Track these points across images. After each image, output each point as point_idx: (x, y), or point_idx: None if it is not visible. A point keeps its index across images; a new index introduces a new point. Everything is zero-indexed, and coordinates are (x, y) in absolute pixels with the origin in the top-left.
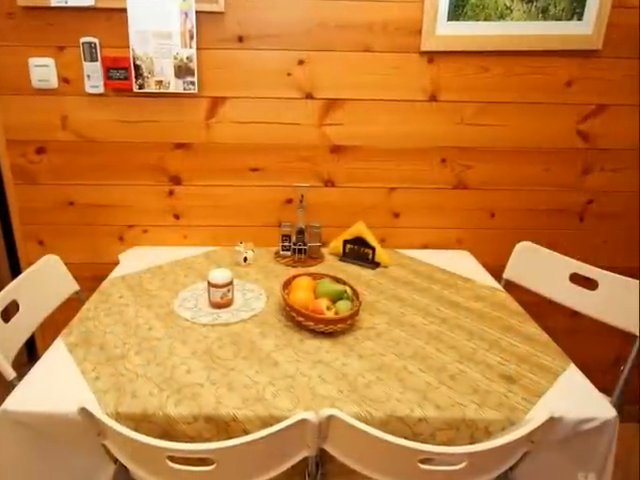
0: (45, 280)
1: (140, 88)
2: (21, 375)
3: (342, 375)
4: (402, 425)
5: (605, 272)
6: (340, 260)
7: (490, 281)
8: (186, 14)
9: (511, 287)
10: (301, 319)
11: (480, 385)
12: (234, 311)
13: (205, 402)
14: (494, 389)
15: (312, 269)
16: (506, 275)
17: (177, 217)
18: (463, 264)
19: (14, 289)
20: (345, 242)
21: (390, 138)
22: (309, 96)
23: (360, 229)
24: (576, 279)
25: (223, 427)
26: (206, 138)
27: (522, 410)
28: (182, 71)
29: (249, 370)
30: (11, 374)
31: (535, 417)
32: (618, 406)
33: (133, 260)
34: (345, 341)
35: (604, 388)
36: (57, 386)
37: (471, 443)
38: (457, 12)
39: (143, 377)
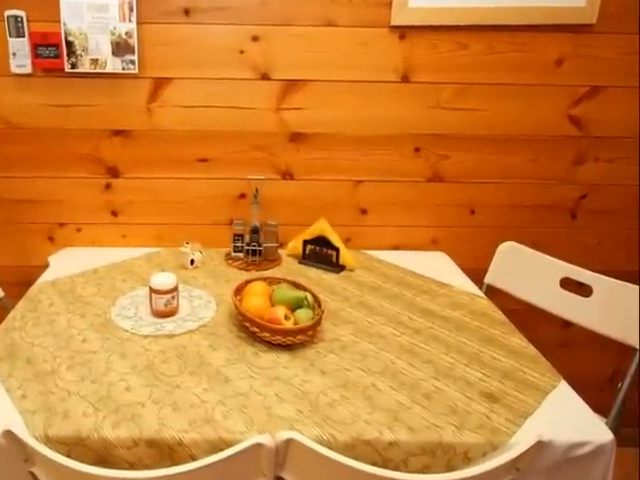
0: None
1: (73, 68)
2: None
3: (302, 393)
4: (370, 450)
5: (600, 276)
6: (300, 263)
7: (470, 286)
8: None
9: (493, 293)
10: (256, 330)
11: (458, 404)
12: (179, 321)
13: (146, 424)
14: (474, 409)
15: (268, 273)
16: (488, 279)
17: (115, 214)
18: (439, 267)
19: None
20: (305, 242)
21: (356, 124)
22: (265, 77)
23: (322, 228)
24: (567, 284)
25: (167, 452)
26: (148, 124)
27: (506, 433)
28: (120, 48)
29: (196, 387)
30: None
31: (521, 441)
32: (615, 428)
33: (65, 263)
34: (305, 355)
35: (599, 408)
36: None
37: (448, 470)
38: None
39: (76, 395)
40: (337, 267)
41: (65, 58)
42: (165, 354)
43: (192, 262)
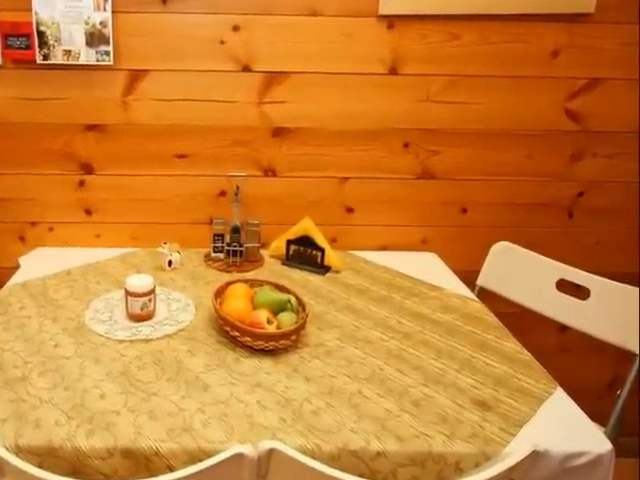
0: None
1: (45, 59)
2: None
3: (285, 401)
4: (356, 460)
5: (598, 278)
6: (283, 264)
7: (461, 289)
8: None
9: (486, 296)
10: (236, 334)
11: (449, 412)
12: (157, 325)
13: (122, 433)
14: (466, 417)
15: (250, 274)
16: (480, 281)
17: (88, 212)
18: (429, 268)
19: None
20: (289, 242)
21: (342, 118)
22: (246, 69)
23: (307, 227)
24: (564, 286)
25: (143, 463)
26: (123, 119)
27: (499, 443)
28: (95, 39)
29: (174, 395)
30: None
31: (515, 451)
32: (614, 438)
33: (36, 264)
34: (289, 360)
35: (597, 416)
36: None
37: None
38: None
39: (48, 403)
40: (322, 268)
41: (37, 49)
42: (141, 360)
43: (170, 263)
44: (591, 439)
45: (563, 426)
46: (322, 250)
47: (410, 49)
